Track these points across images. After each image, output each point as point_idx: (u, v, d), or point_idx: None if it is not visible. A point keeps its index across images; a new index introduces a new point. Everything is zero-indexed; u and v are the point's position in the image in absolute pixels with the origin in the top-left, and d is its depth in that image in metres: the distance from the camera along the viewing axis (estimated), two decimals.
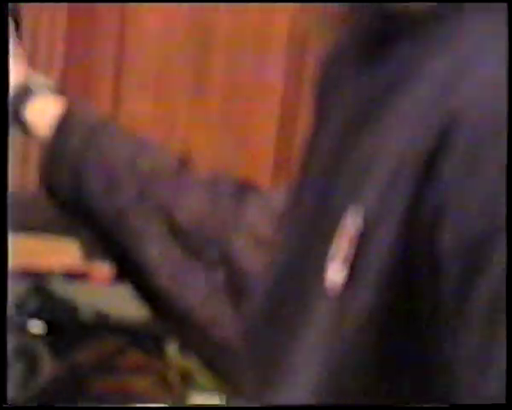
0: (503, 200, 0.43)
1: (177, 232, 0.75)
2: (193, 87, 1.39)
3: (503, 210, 0.43)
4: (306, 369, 0.56)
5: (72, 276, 1.20)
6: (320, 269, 0.54)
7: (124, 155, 0.77)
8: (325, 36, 0.64)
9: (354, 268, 0.50)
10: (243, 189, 0.76)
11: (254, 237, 0.74)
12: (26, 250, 1.12)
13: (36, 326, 1.06)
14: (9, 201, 0.68)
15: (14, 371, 0.98)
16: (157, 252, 0.74)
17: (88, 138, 0.77)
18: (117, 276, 0.89)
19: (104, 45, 1.37)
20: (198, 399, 1.00)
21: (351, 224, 0.50)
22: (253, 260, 0.73)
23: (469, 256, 0.44)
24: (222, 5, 1.33)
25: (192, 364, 1.05)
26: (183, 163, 0.77)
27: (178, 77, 1.38)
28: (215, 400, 0.99)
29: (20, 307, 1.10)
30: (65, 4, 1.38)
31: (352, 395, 0.53)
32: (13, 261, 0.83)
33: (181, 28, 1.37)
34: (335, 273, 0.52)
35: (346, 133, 0.57)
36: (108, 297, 1.12)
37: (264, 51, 1.37)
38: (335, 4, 0.49)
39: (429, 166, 0.45)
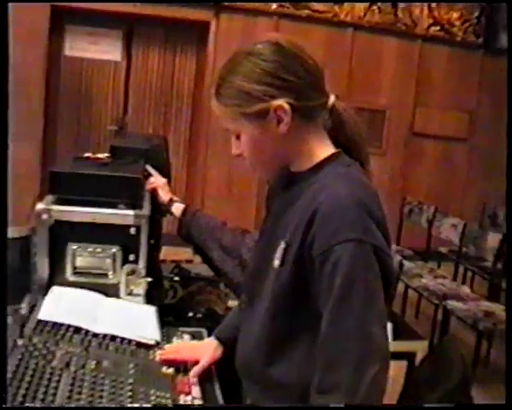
0: (337, 235, 1.29)
1: (222, 246, 2.30)
2: None
3: (337, 238, 1.29)
4: (264, 303, 1.49)
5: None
6: (271, 262, 1.45)
7: (204, 221, 2.34)
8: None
9: (282, 261, 1.43)
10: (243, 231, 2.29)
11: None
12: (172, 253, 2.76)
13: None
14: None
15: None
16: (216, 253, 2.31)
17: (192, 217, 2.34)
18: (202, 261, 2.46)
19: None
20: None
21: (281, 245, 1.43)
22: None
23: (321, 260, 1.32)
24: None
25: None
26: (224, 223, 2.33)
27: None
28: None
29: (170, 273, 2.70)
30: None
31: (280, 322, 1.44)
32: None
33: None
34: (276, 263, 1.44)
35: (277, 216, 1.51)
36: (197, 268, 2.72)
37: None
38: None
39: (309, 224, 1.34)
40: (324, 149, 1.47)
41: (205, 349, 1.81)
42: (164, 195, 2.37)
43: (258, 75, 1.38)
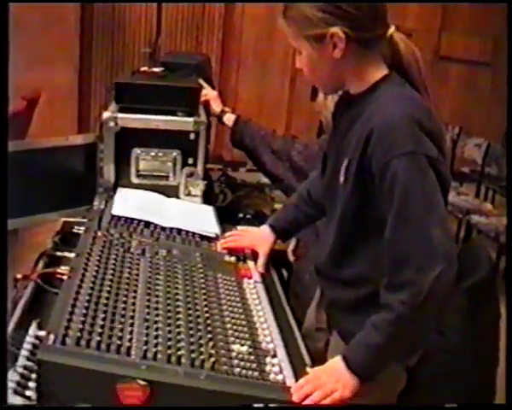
0: (392, 151, 1.40)
1: (273, 151, 2.46)
2: None
3: (392, 154, 1.40)
4: (336, 215, 1.63)
5: None
6: (337, 178, 1.59)
7: (256, 129, 2.49)
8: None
9: (346, 177, 1.56)
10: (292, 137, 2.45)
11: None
12: None
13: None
14: None
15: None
16: (267, 158, 2.47)
17: (244, 125, 2.49)
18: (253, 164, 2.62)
19: None
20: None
21: (344, 163, 1.56)
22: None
23: (380, 174, 1.43)
24: None
25: None
26: (274, 131, 2.49)
27: None
28: None
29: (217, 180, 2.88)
30: None
31: (349, 232, 1.60)
32: None
33: None
34: (341, 179, 1.57)
35: (341, 134, 1.62)
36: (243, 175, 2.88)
37: None
38: None
39: (366, 143, 1.45)
40: (379, 72, 1.56)
41: (261, 239, 1.98)
42: (216, 106, 2.53)
43: (320, 3, 1.50)
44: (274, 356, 1.42)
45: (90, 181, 2.32)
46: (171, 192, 2.23)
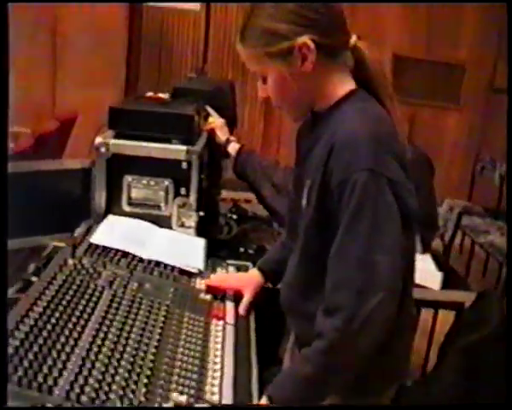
0: (351, 167, 1.32)
1: (273, 185, 2.36)
2: None
3: (351, 169, 1.31)
4: (299, 241, 1.56)
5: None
6: (300, 202, 1.52)
7: (258, 160, 2.40)
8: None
9: (308, 200, 1.48)
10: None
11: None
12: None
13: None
14: None
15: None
16: (268, 191, 2.37)
17: (247, 156, 2.40)
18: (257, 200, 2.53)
19: None
20: None
21: (306, 185, 1.48)
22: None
23: (339, 190, 1.34)
24: None
25: None
26: (277, 162, 2.39)
27: None
28: None
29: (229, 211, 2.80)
30: None
31: (312, 259, 1.51)
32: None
33: None
34: (303, 202, 1.50)
35: (304, 157, 1.57)
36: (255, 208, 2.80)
37: None
38: None
39: (327, 160, 1.37)
40: (345, 87, 1.48)
41: (247, 281, 1.88)
42: (221, 134, 2.45)
43: (281, 14, 1.40)
44: None
45: (86, 206, 2.27)
46: (164, 223, 2.15)
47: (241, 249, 2.42)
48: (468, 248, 5.18)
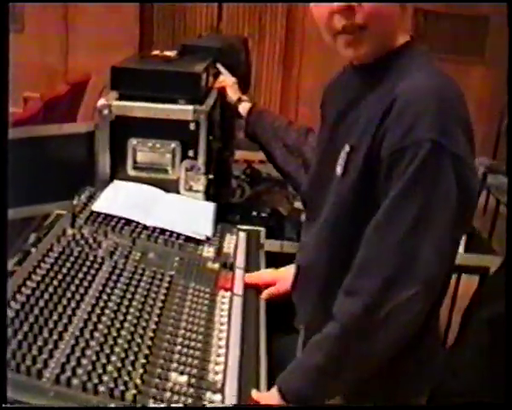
0: (411, 134, 1.09)
1: (286, 146, 2.22)
2: None
3: (410, 137, 1.09)
4: (324, 215, 1.36)
5: None
6: (333, 169, 1.31)
7: (269, 120, 2.26)
8: None
9: (345, 168, 1.29)
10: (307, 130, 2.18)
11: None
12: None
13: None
14: None
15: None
16: (279, 152, 2.23)
17: (258, 116, 2.27)
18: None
19: None
20: None
21: (344, 149, 1.28)
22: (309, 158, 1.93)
23: (390, 160, 1.14)
24: None
25: None
26: (290, 122, 2.25)
27: None
28: None
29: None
30: None
31: (340, 236, 1.30)
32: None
33: None
34: (338, 170, 1.30)
35: (338, 118, 1.36)
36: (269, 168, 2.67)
37: None
38: None
39: (383, 118, 1.15)
40: (404, 36, 1.32)
41: (283, 276, 1.70)
42: (232, 94, 2.31)
43: None
44: (219, 391, 1.20)
45: (92, 172, 2.17)
46: (171, 187, 2.03)
47: (254, 213, 2.32)
48: (493, 208, 5.01)
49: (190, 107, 1.96)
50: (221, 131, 2.44)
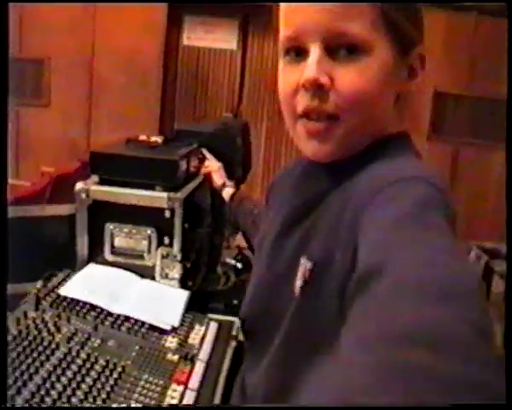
0: (384, 180, 0.81)
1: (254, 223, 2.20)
2: None
3: (385, 181, 0.80)
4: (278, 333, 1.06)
5: None
6: (286, 284, 1.02)
7: (249, 208, 2.26)
8: None
9: (304, 287, 0.98)
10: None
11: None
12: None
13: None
14: None
15: None
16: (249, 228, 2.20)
17: (239, 203, 2.28)
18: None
19: None
20: None
21: (304, 264, 0.98)
22: None
23: (359, 283, 0.69)
24: None
25: None
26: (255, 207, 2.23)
27: None
28: None
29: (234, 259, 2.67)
30: None
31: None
32: None
33: None
34: (296, 290, 1.00)
35: (293, 214, 1.10)
36: None
37: None
38: None
39: (350, 228, 0.86)
40: (397, 123, 1.08)
41: None
42: (217, 179, 2.35)
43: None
44: None
45: (73, 254, 2.19)
46: (147, 273, 2.04)
47: (235, 302, 2.29)
48: (502, 293, 4.89)
49: (165, 194, 1.98)
50: (212, 215, 2.46)
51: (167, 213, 1.99)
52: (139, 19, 5.91)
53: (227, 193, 2.30)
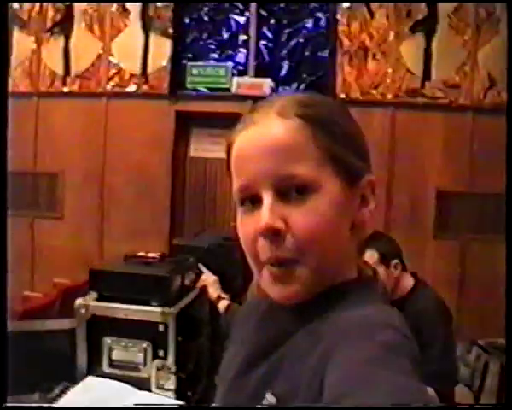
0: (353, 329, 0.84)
1: None
2: None
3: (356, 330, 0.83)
4: None
5: None
6: None
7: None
8: None
9: None
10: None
11: None
12: None
13: None
14: None
15: None
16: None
17: (232, 315, 2.38)
18: None
19: None
20: None
21: (269, 399, 0.92)
22: None
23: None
24: None
25: None
26: None
27: None
28: None
29: None
30: None
31: None
32: None
33: None
34: None
35: (256, 351, 1.02)
36: None
37: None
38: None
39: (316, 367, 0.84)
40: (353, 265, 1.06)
41: None
42: (213, 292, 2.46)
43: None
44: None
45: (73, 367, 2.28)
46: (143, 385, 2.12)
47: None
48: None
49: (159, 309, 2.08)
50: (211, 327, 2.55)
51: (161, 327, 2.09)
52: (147, 133, 6.17)
53: (222, 305, 2.40)
